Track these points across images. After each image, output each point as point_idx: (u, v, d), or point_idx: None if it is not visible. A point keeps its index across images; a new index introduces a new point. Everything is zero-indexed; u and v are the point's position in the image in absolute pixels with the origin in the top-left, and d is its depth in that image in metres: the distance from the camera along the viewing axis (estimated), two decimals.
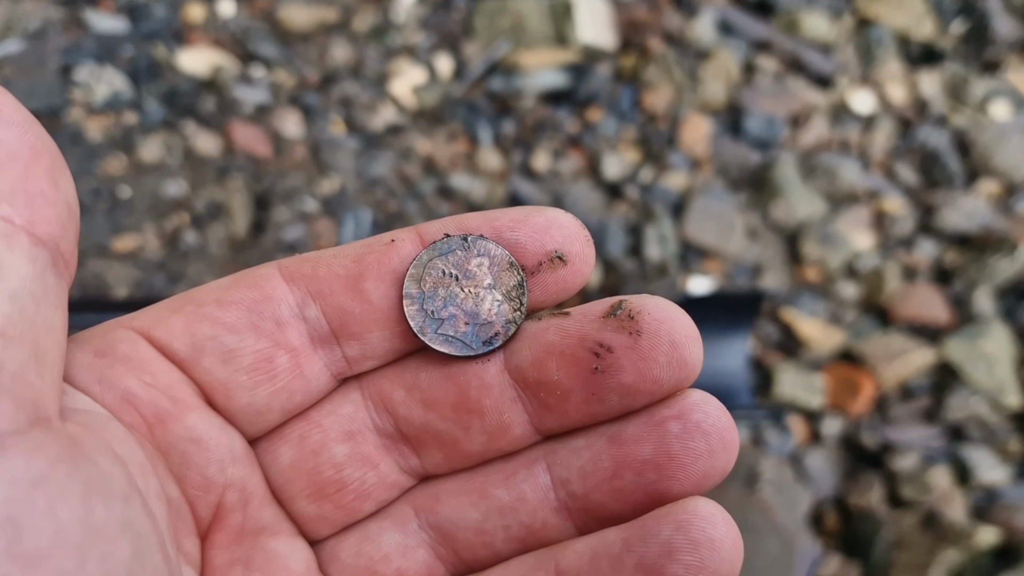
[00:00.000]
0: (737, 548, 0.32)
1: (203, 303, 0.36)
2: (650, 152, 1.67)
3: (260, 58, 1.69)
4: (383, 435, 0.38)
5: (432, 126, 1.67)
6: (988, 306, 1.50)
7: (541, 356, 0.36)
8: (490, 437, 0.37)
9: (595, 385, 0.35)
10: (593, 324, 0.35)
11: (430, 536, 0.39)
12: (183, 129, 1.60)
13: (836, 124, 1.75)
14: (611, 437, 0.36)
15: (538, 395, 0.36)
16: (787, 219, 1.60)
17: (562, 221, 0.37)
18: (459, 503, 0.38)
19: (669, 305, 0.35)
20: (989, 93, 1.82)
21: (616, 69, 1.76)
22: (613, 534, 0.34)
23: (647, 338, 0.34)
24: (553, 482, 0.37)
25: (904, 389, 1.43)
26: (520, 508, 0.37)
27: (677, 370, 0.34)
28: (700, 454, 0.34)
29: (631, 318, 0.35)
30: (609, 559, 0.34)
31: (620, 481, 0.35)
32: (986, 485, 1.32)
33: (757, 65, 1.79)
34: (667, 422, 0.35)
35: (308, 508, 0.38)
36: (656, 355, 0.34)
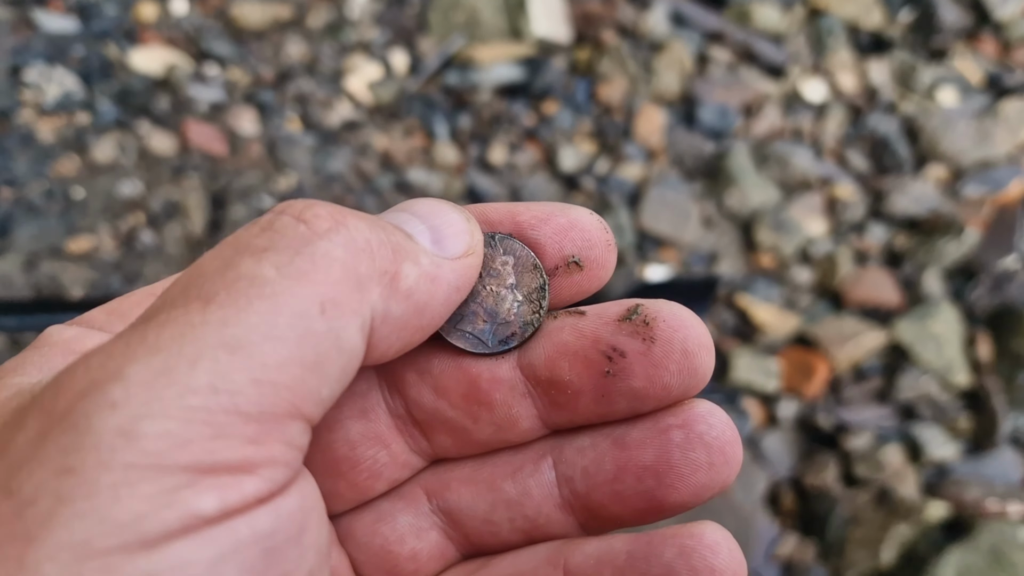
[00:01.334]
0: (740, 571, 0.33)
1: None
2: (606, 144, 1.68)
3: (214, 56, 1.68)
4: (395, 416, 0.38)
5: (388, 122, 1.67)
6: (937, 288, 1.54)
7: (554, 356, 0.36)
8: (498, 428, 0.37)
9: (605, 388, 0.35)
10: (608, 327, 0.35)
11: (441, 520, 0.39)
12: (137, 129, 1.59)
13: (788, 113, 1.78)
14: (616, 440, 0.36)
15: (549, 393, 0.37)
16: (741, 207, 1.62)
17: (584, 224, 0.37)
18: (468, 492, 0.39)
19: (685, 312, 0.35)
20: (936, 80, 1.85)
21: (571, 62, 1.77)
22: (620, 544, 0.35)
23: (660, 345, 0.34)
24: (558, 479, 0.38)
25: (857, 371, 1.46)
26: (526, 503, 0.38)
27: (687, 378, 0.34)
28: (700, 466, 0.34)
29: (646, 324, 0.35)
30: (612, 569, 0.35)
31: (621, 485, 0.36)
32: (937, 462, 1.35)
33: (710, 56, 1.82)
34: (671, 430, 0.35)
35: (321, 484, 0.38)
36: (667, 363, 0.34)
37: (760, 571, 1.24)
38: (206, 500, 0.26)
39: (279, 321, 0.27)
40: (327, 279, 0.29)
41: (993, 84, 1.90)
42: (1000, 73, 1.91)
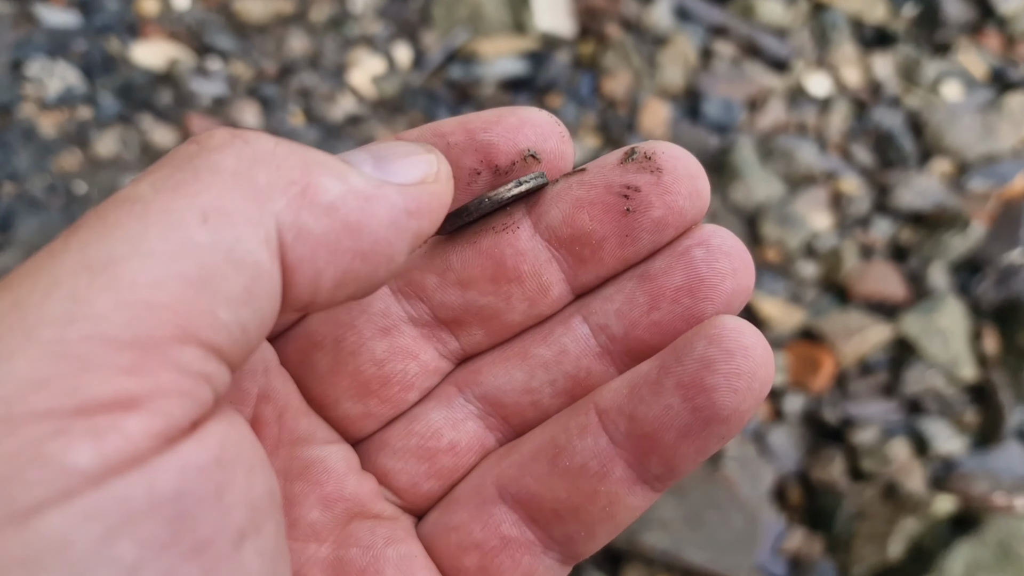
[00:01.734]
0: (769, 354, 0.34)
1: None
2: (610, 138, 1.67)
3: (216, 50, 1.68)
4: (419, 325, 0.39)
5: (392, 115, 1.66)
6: (942, 281, 1.53)
7: (572, 211, 0.37)
8: (531, 302, 0.38)
9: (628, 226, 0.36)
10: (614, 171, 0.36)
11: (477, 408, 0.39)
12: (139, 123, 1.58)
13: (793, 107, 1.77)
14: (640, 276, 0.37)
15: (573, 249, 0.37)
16: (746, 201, 1.62)
17: (535, 119, 0.37)
18: (502, 369, 0.39)
19: (673, 146, 0.36)
20: (940, 74, 1.85)
21: (574, 56, 1.77)
22: (647, 365, 0.35)
23: (668, 173, 0.35)
24: (592, 330, 0.38)
25: (863, 365, 1.46)
26: (564, 360, 0.38)
27: (696, 200, 0.36)
28: (727, 273, 0.35)
29: (648, 159, 0.36)
30: (648, 386, 0.35)
31: (657, 313, 0.36)
32: (943, 455, 1.35)
33: (714, 50, 1.81)
34: (691, 250, 0.36)
35: (353, 408, 0.38)
36: (679, 187, 0.35)
37: (767, 565, 1.24)
38: (80, 451, 0.21)
39: (149, 234, 0.24)
40: (210, 187, 0.25)
41: (997, 78, 1.89)
42: (1004, 67, 1.91)
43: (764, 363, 0.34)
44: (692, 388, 0.34)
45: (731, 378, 0.33)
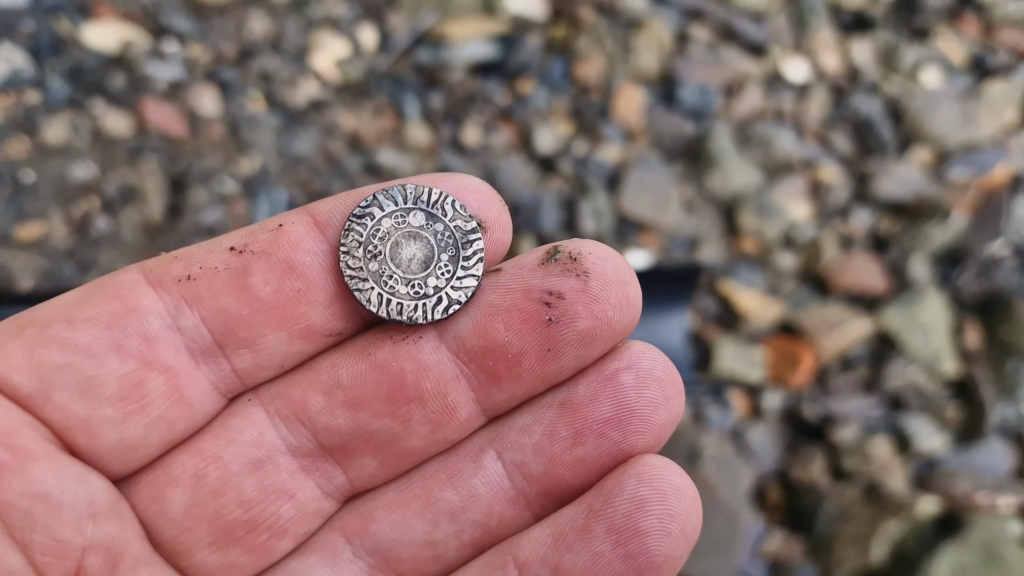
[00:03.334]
0: (697, 495, 0.31)
1: (48, 323, 0.30)
2: (583, 124, 1.63)
3: (173, 32, 1.60)
4: (299, 455, 0.33)
5: (357, 101, 1.60)
6: (923, 273, 1.50)
7: (484, 319, 0.32)
8: (434, 426, 0.33)
9: (550, 339, 0.32)
10: (535, 273, 0.32)
11: (368, 563, 0.34)
12: (91, 108, 1.51)
13: (770, 93, 1.73)
14: (562, 404, 0.33)
15: (485, 364, 0.32)
16: (723, 190, 1.58)
17: (474, 186, 0.34)
18: (399, 516, 0.34)
19: (601, 245, 0.33)
20: (919, 60, 1.82)
21: (546, 39, 1.71)
22: (570, 510, 0.32)
23: (595, 277, 0.32)
24: (507, 468, 0.34)
25: (843, 360, 1.43)
26: (473, 507, 0.34)
27: (627, 310, 0.32)
28: (658, 402, 0.32)
29: (573, 260, 0.32)
30: (575, 532, 0.31)
31: (582, 448, 0.32)
32: (925, 453, 1.32)
33: (690, 34, 1.76)
34: (619, 375, 0.32)
35: (212, 558, 0.33)
36: (608, 295, 0.32)
37: (747, 569, 1.21)
38: None
39: None
40: None
41: (976, 65, 1.87)
42: (983, 54, 1.88)
43: (695, 505, 0.31)
44: (624, 532, 0.30)
45: (665, 520, 0.30)
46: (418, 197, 0.33)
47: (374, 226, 0.33)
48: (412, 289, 0.33)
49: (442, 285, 0.33)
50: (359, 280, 0.32)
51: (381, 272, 0.33)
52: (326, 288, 0.32)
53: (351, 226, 0.33)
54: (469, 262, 0.33)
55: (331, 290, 0.33)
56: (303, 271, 0.32)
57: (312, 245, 0.33)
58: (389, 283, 0.33)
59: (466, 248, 0.33)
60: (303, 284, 0.32)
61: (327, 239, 0.33)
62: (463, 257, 0.33)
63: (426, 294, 0.33)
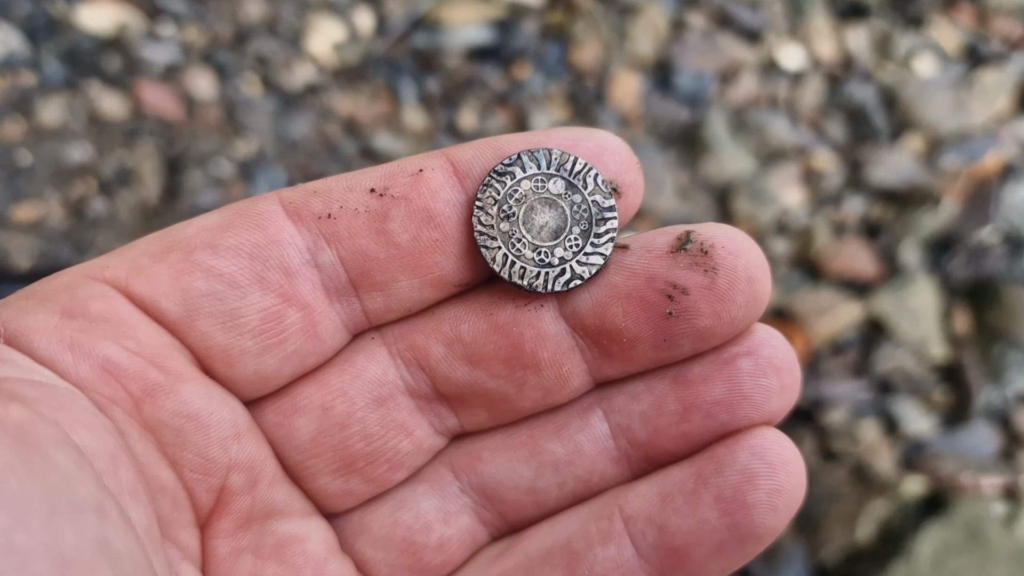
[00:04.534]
0: (803, 469, 0.32)
1: (192, 248, 0.31)
2: (579, 109, 1.63)
3: (169, 14, 1.60)
4: (417, 396, 0.34)
5: (353, 84, 1.61)
6: (914, 259, 1.52)
7: (604, 301, 0.32)
8: (546, 392, 0.33)
9: (667, 331, 0.31)
10: (662, 261, 0.32)
11: (473, 499, 0.35)
12: (87, 90, 1.51)
13: (765, 80, 1.74)
14: (675, 378, 0.33)
15: (600, 343, 0.33)
16: (717, 176, 1.59)
17: (614, 147, 0.33)
18: (506, 461, 0.35)
19: (739, 234, 0.32)
20: (914, 48, 1.83)
21: (543, 25, 1.72)
22: (680, 471, 0.32)
23: (724, 275, 0.31)
24: (612, 430, 0.34)
25: (834, 344, 1.44)
26: (577, 461, 0.34)
27: (753, 308, 0.31)
28: (773, 391, 0.32)
29: (704, 252, 0.31)
30: (683, 495, 0.32)
31: (688, 425, 0.33)
32: (912, 436, 1.34)
33: (686, 21, 1.77)
34: (737, 359, 0.32)
35: (333, 484, 0.34)
36: (734, 294, 0.31)
37: None
38: None
39: None
40: None
41: (970, 53, 1.87)
42: (977, 43, 1.89)
43: (801, 481, 0.32)
44: (732, 503, 0.31)
45: (773, 495, 0.31)
46: (561, 164, 0.33)
47: (512, 186, 0.33)
48: (538, 255, 0.33)
49: (568, 257, 0.32)
50: (487, 238, 0.32)
51: (511, 233, 0.33)
52: (460, 240, 0.33)
53: (490, 182, 0.33)
54: (600, 239, 0.33)
55: (465, 243, 0.33)
56: (441, 221, 0.32)
57: (450, 195, 0.33)
58: (517, 246, 0.33)
59: (599, 225, 0.33)
60: (440, 234, 0.32)
61: (465, 189, 0.33)
62: (595, 233, 0.33)
63: (551, 263, 0.32)
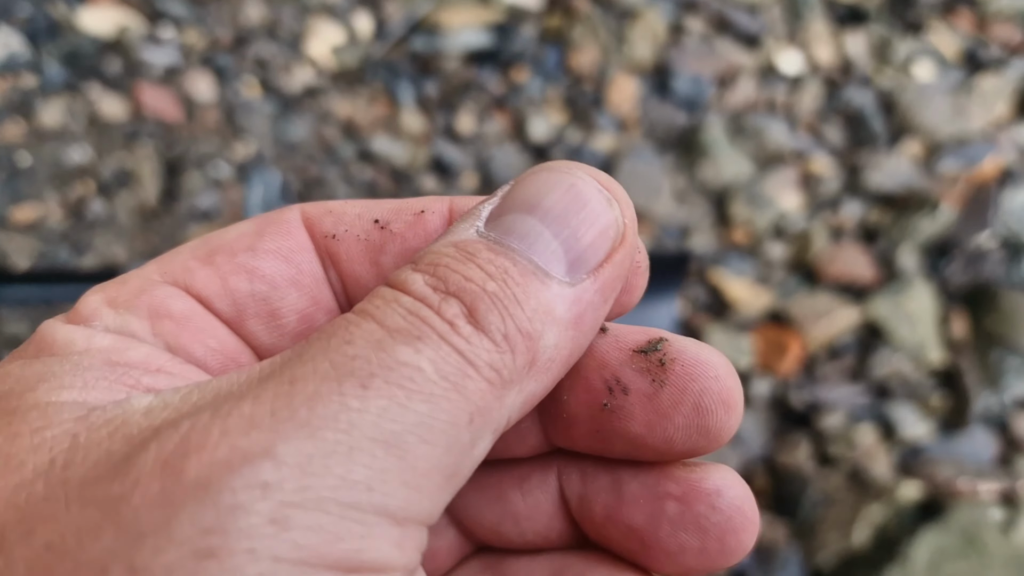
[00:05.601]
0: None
1: (235, 251, 0.32)
2: (577, 113, 1.63)
3: (168, 17, 1.61)
4: None
5: (352, 88, 1.61)
6: (911, 264, 1.52)
7: None
8: (507, 445, 0.35)
9: (600, 422, 0.32)
10: (619, 355, 0.31)
11: (451, 519, 0.37)
12: (87, 92, 1.52)
13: (763, 84, 1.74)
14: (614, 482, 0.33)
15: (548, 410, 0.33)
16: (715, 180, 1.59)
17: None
18: (476, 500, 0.36)
19: (714, 359, 0.31)
20: (912, 54, 1.83)
21: (541, 29, 1.72)
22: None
23: (670, 393, 0.30)
24: (564, 494, 0.35)
25: (831, 348, 1.44)
26: (536, 517, 0.35)
27: (695, 438, 0.30)
28: (688, 549, 0.31)
29: (661, 364, 0.30)
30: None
31: (607, 532, 0.33)
32: (909, 441, 1.34)
33: (684, 25, 1.77)
34: (667, 500, 0.31)
35: None
36: (674, 415, 0.30)
37: None
38: None
39: (435, 426, 0.25)
40: (477, 388, 0.26)
41: (969, 59, 1.88)
42: (976, 48, 1.89)
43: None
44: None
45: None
46: None
47: None
48: None
49: None
50: None
51: None
52: None
53: None
54: None
55: None
56: None
57: None
58: None
59: None
60: None
61: None
62: None
63: None
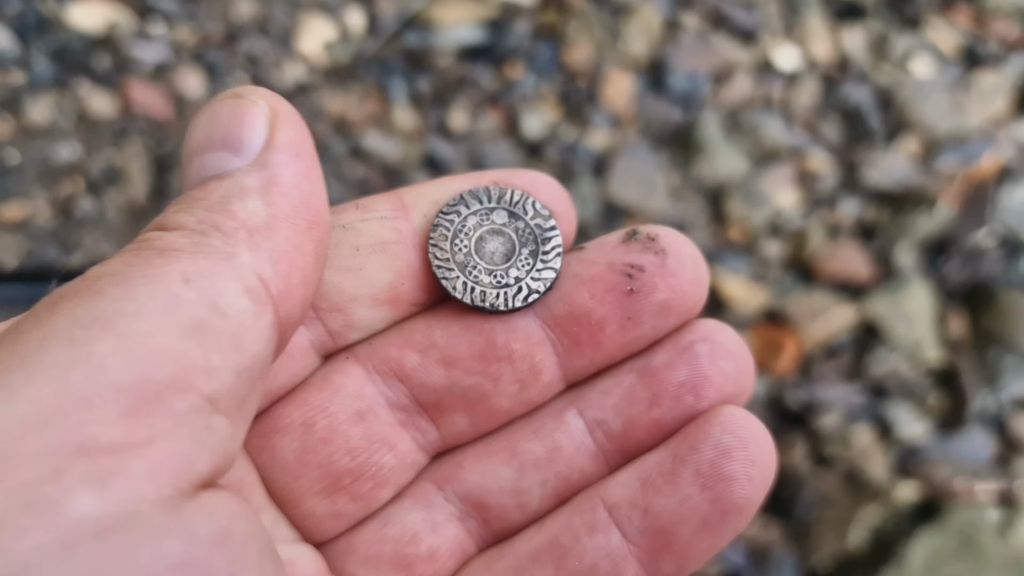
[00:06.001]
0: (772, 444, 0.34)
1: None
2: (571, 109, 1.62)
3: (159, 13, 1.60)
4: (397, 409, 0.35)
5: (344, 84, 1.60)
6: (909, 262, 1.51)
7: (570, 288, 0.35)
8: (521, 385, 0.35)
9: (630, 308, 0.35)
10: (616, 250, 0.35)
11: (458, 508, 0.36)
12: (76, 89, 1.51)
13: (759, 81, 1.73)
14: (641, 369, 0.35)
15: (570, 330, 0.35)
16: (710, 177, 1.58)
17: (545, 181, 0.37)
18: (488, 465, 0.36)
19: (675, 230, 0.36)
20: (910, 49, 1.82)
21: (535, 25, 1.71)
22: (656, 456, 0.34)
23: (672, 256, 0.35)
24: (587, 426, 0.36)
25: (827, 347, 1.43)
26: (557, 459, 0.36)
27: (699, 287, 0.35)
28: (730, 374, 0.35)
29: (651, 240, 0.35)
30: (663, 476, 0.34)
31: (658, 410, 0.35)
32: (906, 440, 1.33)
33: (680, 21, 1.76)
34: (695, 345, 0.35)
35: (320, 506, 0.35)
36: (683, 271, 0.35)
37: (726, 553, 1.21)
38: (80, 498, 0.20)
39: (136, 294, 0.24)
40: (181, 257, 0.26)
41: (967, 55, 1.86)
42: (974, 44, 1.88)
43: (772, 454, 0.34)
44: (711, 477, 0.33)
45: (747, 466, 0.33)
46: (500, 197, 0.36)
47: (460, 222, 0.36)
48: (494, 279, 0.35)
49: (522, 276, 0.35)
50: (445, 269, 0.35)
51: (466, 263, 0.36)
52: (412, 263, 0.35)
53: (439, 221, 0.36)
54: (548, 256, 0.36)
55: (416, 264, 0.35)
56: (389, 245, 0.35)
57: (398, 224, 0.35)
58: (473, 272, 0.35)
59: (544, 244, 0.36)
60: (388, 256, 0.35)
61: (410, 220, 0.36)
62: (542, 252, 0.36)
63: (507, 283, 0.35)
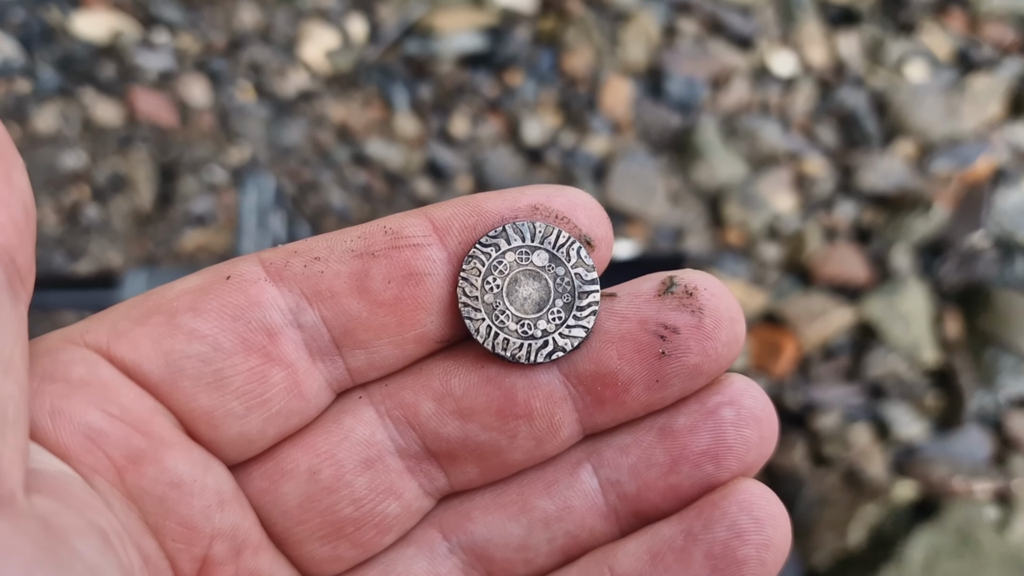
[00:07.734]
0: (789, 523, 0.32)
1: (174, 311, 0.31)
2: (571, 116, 1.64)
3: (163, 22, 1.61)
4: (406, 456, 0.34)
5: (346, 91, 1.61)
6: (905, 264, 1.52)
7: (599, 345, 0.33)
8: (538, 442, 0.33)
9: (660, 371, 0.32)
10: (651, 305, 0.33)
11: (463, 560, 0.35)
12: (81, 97, 1.52)
13: (757, 86, 1.74)
14: (662, 429, 0.33)
15: (594, 389, 0.33)
16: (708, 182, 1.59)
17: (585, 202, 0.34)
18: (496, 519, 0.35)
19: (714, 279, 0.33)
20: (905, 54, 1.83)
21: (535, 32, 1.72)
22: (668, 528, 0.33)
23: (709, 314, 0.32)
24: (601, 485, 0.34)
25: (825, 349, 1.44)
26: (567, 517, 0.34)
27: (734, 347, 0.33)
28: (753, 443, 0.33)
29: (689, 295, 0.32)
30: (673, 554, 0.32)
31: (676, 476, 0.33)
32: (904, 440, 1.34)
33: (678, 27, 1.78)
34: (720, 409, 0.33)
35: (320, 550, 0.34)
36: (720, 332, 0.32)
37: None
38: None
39: None
40: None
41: (961, 59, 1.88)
42: (968, 48, 1.89)
43: (788, 534, 0.32)
44: (722, 560, 0.31)
45: (761, 550, 0.31)
46: (545, 237, 0.33)
47: (497, 257, 0.33)
48: (521, 328, 0.33)
49: (551, 330, 0.33)
50: (472, 309, 0.33)
51: (495, 306, 0.33)
52: (442, 297, 0.33)
53: (475, 253, 0.33)
54: (582, 312, 0.33)
55: (446, 299, 0.33)
56: (422, 278, 0.32)
57: (431, 252, 0.33)
58: (500, 318, 0.33)
59: (581, 299, 0.33)
60: (422, 291, 0.32)
61: (444, 246, 0.33)
62: (577, 307, 0.33)
63: (533, 335, 0.33)
